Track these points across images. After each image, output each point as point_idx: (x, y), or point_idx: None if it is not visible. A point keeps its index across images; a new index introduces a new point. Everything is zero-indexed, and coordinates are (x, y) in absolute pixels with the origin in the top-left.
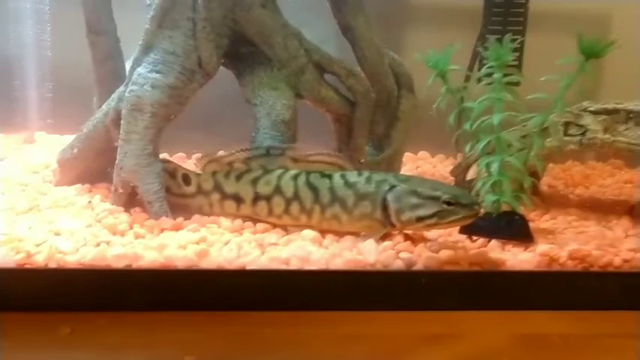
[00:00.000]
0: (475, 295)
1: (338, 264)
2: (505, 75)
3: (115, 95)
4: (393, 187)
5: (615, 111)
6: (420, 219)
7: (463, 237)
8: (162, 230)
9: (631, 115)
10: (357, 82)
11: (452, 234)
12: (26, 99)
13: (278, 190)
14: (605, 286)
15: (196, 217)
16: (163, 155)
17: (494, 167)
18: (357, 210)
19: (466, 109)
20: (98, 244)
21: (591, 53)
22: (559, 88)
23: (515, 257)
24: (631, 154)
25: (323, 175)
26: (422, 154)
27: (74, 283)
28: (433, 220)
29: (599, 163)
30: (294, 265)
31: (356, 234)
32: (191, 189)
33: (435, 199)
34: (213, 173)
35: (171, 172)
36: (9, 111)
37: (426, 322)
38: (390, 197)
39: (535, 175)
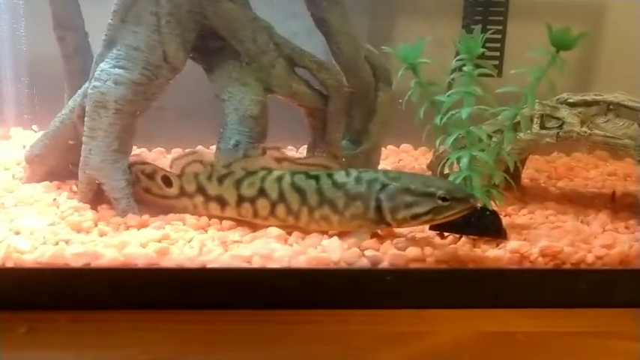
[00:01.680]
0: (441, 293)
1: (301, 262)
2: (478, 67)
3: (80, 91)
4: (385, 185)
5: (595, 102)
6: (415, 216)
7: (434, 233)
8: (128, 227)
9: (611, 107)
10: (329, 76)
11: (424, 230)
12: (1, 95)
13: (262, 192)
14: (575, 284)
15: (162, 214)
16: (142, 150)
17: (464, 162)
18: (349, 211)
19: (436, 103)
20: (57, 243)
21: (562, 45)
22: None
23: (485, 254)
24: (607, 147)
25: (308, 175)
26: (404, 146)
27: (32, 282)
28: (429, 217)
29: (584, 154)
30: (256, 263)
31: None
32: (173, 191)
33: (430, 195)
34: (195, 175)
35: (149, 174)
36: None
37: (390, 321)
38: (383, 197)
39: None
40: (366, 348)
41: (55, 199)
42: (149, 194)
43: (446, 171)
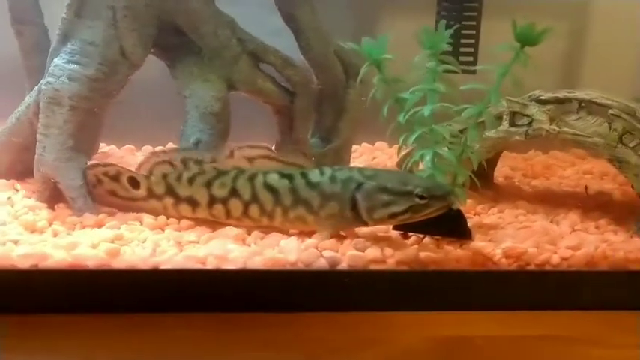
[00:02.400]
0: (400, 296)
1: (257, 263)
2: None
3: (37, 87)
4: (360, 184)
5: (566, 100)
6: (393, 216)
7: (397, 233)
8: (84, 227)
9: (582, 105)
10: (294, 73)
11: (388, 230)
12: None
13: (234, 192)
14: (538, 286)
15: (119, 214)
16: (111, 147)
17: (427, 160)
18: (324, 211)
19: (400, 100)
20: (5, 243)
21: (526, 41)
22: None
23: (447, 255)
24: (577, 146)
25: (282, 175)
26: (379, 144)
27: None
28: (407, 216)
29: (561, 153)
30: (210, 264)
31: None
32: (141, 192)
33: (407, 194)
34: (164, 175)
35: (113, 176)
36: None
37: (347, 325)
38: (359, 196)
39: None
40: (317, 354)
41: (9, 198)
42: (115, 197)
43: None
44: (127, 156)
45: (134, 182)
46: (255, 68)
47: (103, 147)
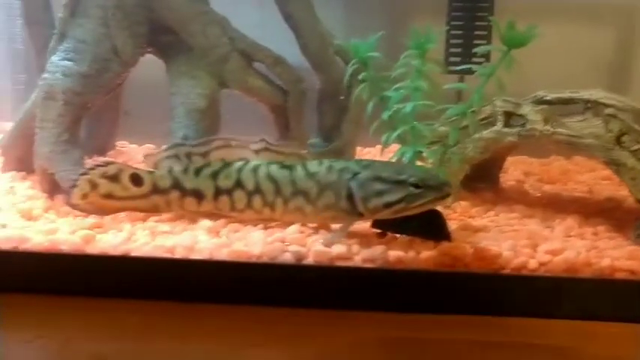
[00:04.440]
0: (356, 294)
1: (223, 254)
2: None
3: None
4: (355, 174)
5: (571, 100)
6: (388, 205)
7: (372, 231)
8: (75, 217)
9: (588, 105)
10: (284, 71)
11: (364, 227)
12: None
13: (239, 183)
14: (504, 291)
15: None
16: (132, 146)
17: (407, 157)
18: (321, 201)
19: (385, 98)
20: None
21: (513, 43)
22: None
23: (417, 255)
24: (571, 147)
25: (284, 166)
26: None
27: None
28: (402, 205)
29: (582, 158)
30: (178, 254)
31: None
32: (144, 189)
33: (401, 183)
34: (170, 169)
35: (112, 175)
36: None
37: (300, 320)
38: (354, 185)
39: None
40: (239, 346)
41: (12, 187)
42: (110, 199)
43: None
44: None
45: (136, 179)
46: (246, 67)
47: (127, 145)
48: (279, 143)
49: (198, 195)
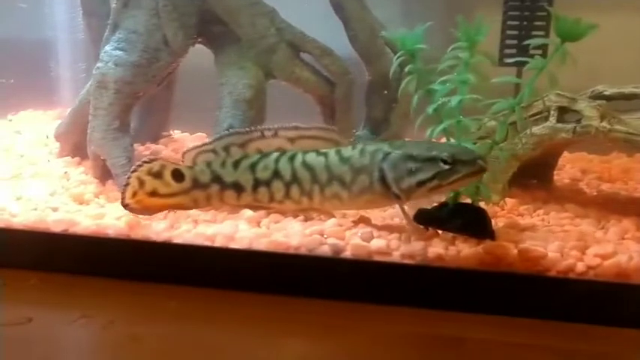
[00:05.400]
0: (393, 290)
1: (262, 244)
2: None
3: None
4: (387, 155)
5: (633, 96)
6: (420, 183)
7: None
8: None
9: None
10: (332, 62)
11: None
12: (60, 78)
13: (277, 173)
14: (554, 293)
15: None
16: (184, 134)
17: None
18: (356, 185)
19: (431, 92)
20: (44, 210)
21: (568, 36)
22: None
23: (458, 253)
24: (629, 146)
25: (319, 153)
26: None
27: (15, 242)
28: (434, 183)
29: None
30: (218, 243)
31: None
32: (185, 184)
33: (433, 159)
34: (208, 164)
35: (156, 172)
36: (48, 89)
37: (324, 311)
38: (385, 166)
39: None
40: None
41: (66, 172)
42: (154, 197)
43: None
44: (195, 142)
45: (178, 175)
46: (294, 57)
47: (178, 133)
48: (312, 126)
49: (238, 187)
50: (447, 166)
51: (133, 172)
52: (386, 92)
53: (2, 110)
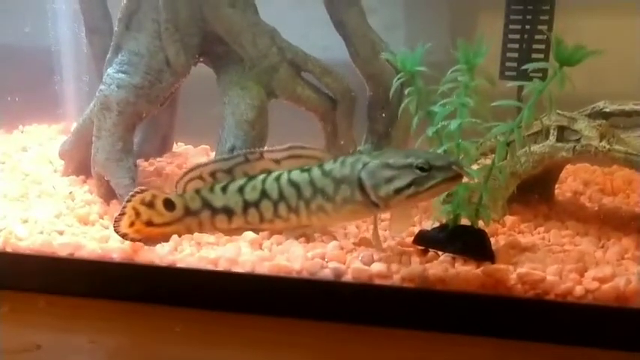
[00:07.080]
0: (391, 313)
1: (264, 268)
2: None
3: None
4: (365, 164)
5: (634, 113)
6: (398, 191)
7: (413, 249)
8: None
9: None
10: (333, 80)
11: (404, 244)
12: (64, 92)
13: (264, 193)
14: (551, 318)
15: None
16: (187, 147)
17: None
18: (338, 196)
19: (431, 113)
20: (50, 233)
21: (566, 61)
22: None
23: (457, 276)
24: (629, 166)
25: (303, 170)
26: None
27: (21, 266)
28: (412, 190)
29: None
30: (221, 266)
31: None
32: (177, 213)
33: (408, 167)
34: (197, 190)
35: (149, 202)
36: (52, 103)
37: (324, 335)
38: (363, 175)
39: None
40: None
41: (71, 192)
42: (151, 227)
43: None
44: (198, 155)
45: (169, 204)
46: (295, 76)
47: (181, 146)
48: (305, 146)
49: (228, 211)
50: (423, 173)
51: (127, 201)
52: (385, 108)
53: (8, 125)
